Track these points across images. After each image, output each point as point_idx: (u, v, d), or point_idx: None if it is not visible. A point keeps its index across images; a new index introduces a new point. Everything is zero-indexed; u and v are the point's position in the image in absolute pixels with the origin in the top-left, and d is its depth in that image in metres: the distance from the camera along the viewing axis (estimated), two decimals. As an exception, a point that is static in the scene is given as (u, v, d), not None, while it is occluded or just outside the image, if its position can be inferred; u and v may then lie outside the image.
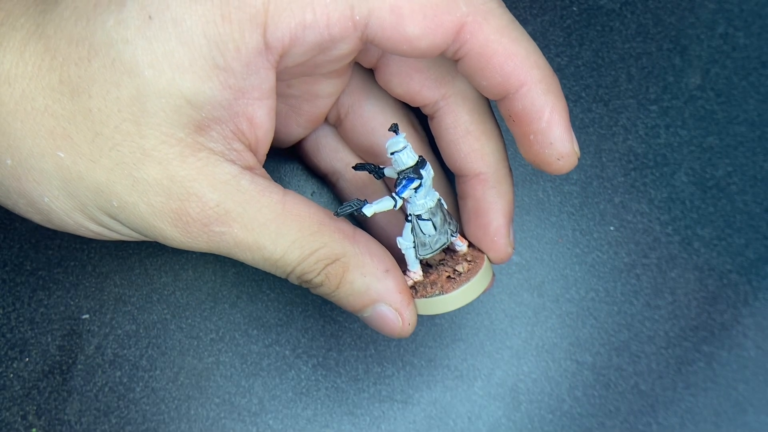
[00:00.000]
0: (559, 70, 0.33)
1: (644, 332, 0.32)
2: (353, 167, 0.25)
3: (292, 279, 0.23)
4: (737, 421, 0.32)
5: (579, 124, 0.33)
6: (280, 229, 0.22)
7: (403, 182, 0.23)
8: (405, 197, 0.23)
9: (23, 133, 0.20)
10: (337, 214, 0.22)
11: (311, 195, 0.31)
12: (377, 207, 0.23)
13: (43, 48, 0.20)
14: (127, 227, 0.22)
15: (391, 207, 0.23)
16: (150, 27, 0.19)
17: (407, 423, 0.31)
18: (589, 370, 0.32)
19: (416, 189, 0.23)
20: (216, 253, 0.22)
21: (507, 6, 0.22)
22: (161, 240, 0.22)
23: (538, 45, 0.33)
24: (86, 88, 0.20)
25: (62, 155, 0.20)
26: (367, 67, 0.25)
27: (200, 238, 0.21)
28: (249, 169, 0.22)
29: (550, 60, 0.33)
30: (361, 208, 0.23)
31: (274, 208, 0.22)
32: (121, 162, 0.20)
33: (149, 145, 0.20)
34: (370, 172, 0.25)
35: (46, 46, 0.20)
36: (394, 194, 0.23)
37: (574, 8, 0.33)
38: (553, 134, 0.22)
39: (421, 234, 0.24)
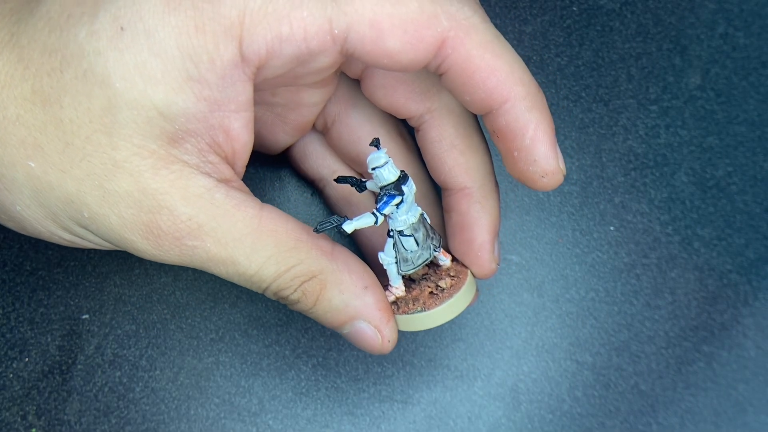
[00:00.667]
0: (559, 70, 0.33)
1: (644, 332, 0.32)
2: (335, 180, 0.25)
3: (269, 294, 0.23)
4: (737, 421, 0.32)
5: (579, 124, 0.33)
6: (255, 245, 0.21)
7: (385, 198, 0.22)
8: (386, 213, 0.23)
9: None
10: (316, 230, 0.22)
11: (311, 195, 0.31)
12: (358, 224, 0.22)
13: (16, 57, 0.20)
14: (99, 237, 0.22)
15: (372, 224, 0.22)
16: (122, 38, 0.19)
17: (407, 423, 0.31)
18: (589, 370, 0.32)
19: (398, 205, 0.22)
20: (189, 266, 0.22)
21: (507, 6, 0.22)
22: (133, 252, 0.21)
23: (538, 45, 0.33)
24: (58, 98, 0.19)
25: (33, 165, 0.20)
26: (352, 77, 0.25)
27: (172, 251, 0.21)
28: (225, 181, 0.21)
29: (550, 60, 0.33)
30: (341, 224, 0.22)
31: (249, 223, 0.21)
32: (92, 173, 0.20)
33: (121, 156, 0.20)
34: (351, 185, 0.24)
35: (20, 55, 0.20)
36: (375, 211, 0.22)
37: (574, 8, 0.33)
38: (538, 152, 0.22)
39: (403, 250, 0.24)
